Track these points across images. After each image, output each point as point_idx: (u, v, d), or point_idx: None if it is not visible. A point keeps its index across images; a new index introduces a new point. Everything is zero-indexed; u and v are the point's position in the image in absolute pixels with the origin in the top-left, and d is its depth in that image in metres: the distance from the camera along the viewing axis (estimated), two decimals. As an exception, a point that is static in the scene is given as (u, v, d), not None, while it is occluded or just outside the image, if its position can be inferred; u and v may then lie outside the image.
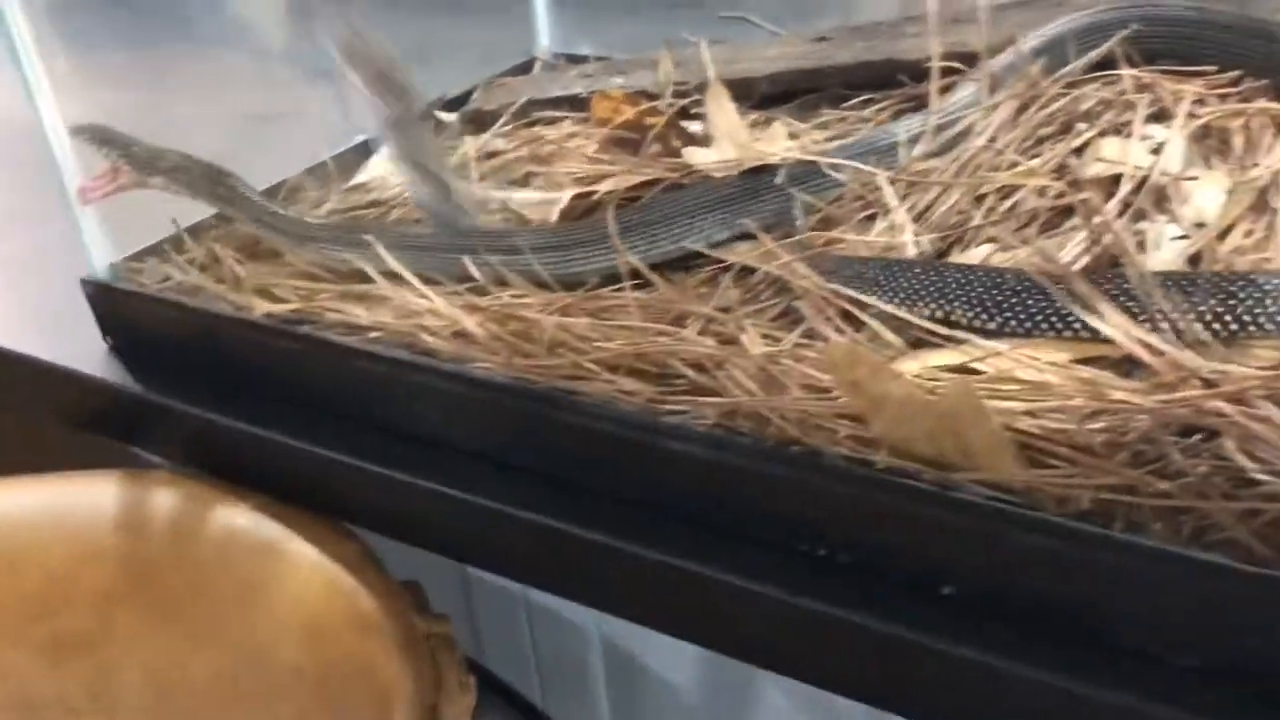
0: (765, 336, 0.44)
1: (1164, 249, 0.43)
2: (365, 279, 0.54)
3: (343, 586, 0.50)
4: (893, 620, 0.40)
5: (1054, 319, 0.38)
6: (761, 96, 0.65)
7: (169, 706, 0.48)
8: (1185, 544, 0.36)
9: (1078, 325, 0.37)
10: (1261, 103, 0.48)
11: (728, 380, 0.43)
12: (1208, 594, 0.36)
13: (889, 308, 0.42)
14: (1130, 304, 0.37)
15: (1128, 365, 0.39)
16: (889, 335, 0.41)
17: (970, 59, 0.56)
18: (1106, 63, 0.51)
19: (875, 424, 0.39)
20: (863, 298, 0.44)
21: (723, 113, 0.55)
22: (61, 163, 0.58)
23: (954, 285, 0.40)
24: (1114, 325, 0.36)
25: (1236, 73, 0.50)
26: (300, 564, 0.51)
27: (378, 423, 0.52)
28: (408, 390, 0.51)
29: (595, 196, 0.54)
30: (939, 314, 0.42)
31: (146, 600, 0.49)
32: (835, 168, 0.50)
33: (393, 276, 0.53)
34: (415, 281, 0.51)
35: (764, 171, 0.50)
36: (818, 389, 0.41)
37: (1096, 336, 0.38)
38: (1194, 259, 0.43)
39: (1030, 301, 0.38)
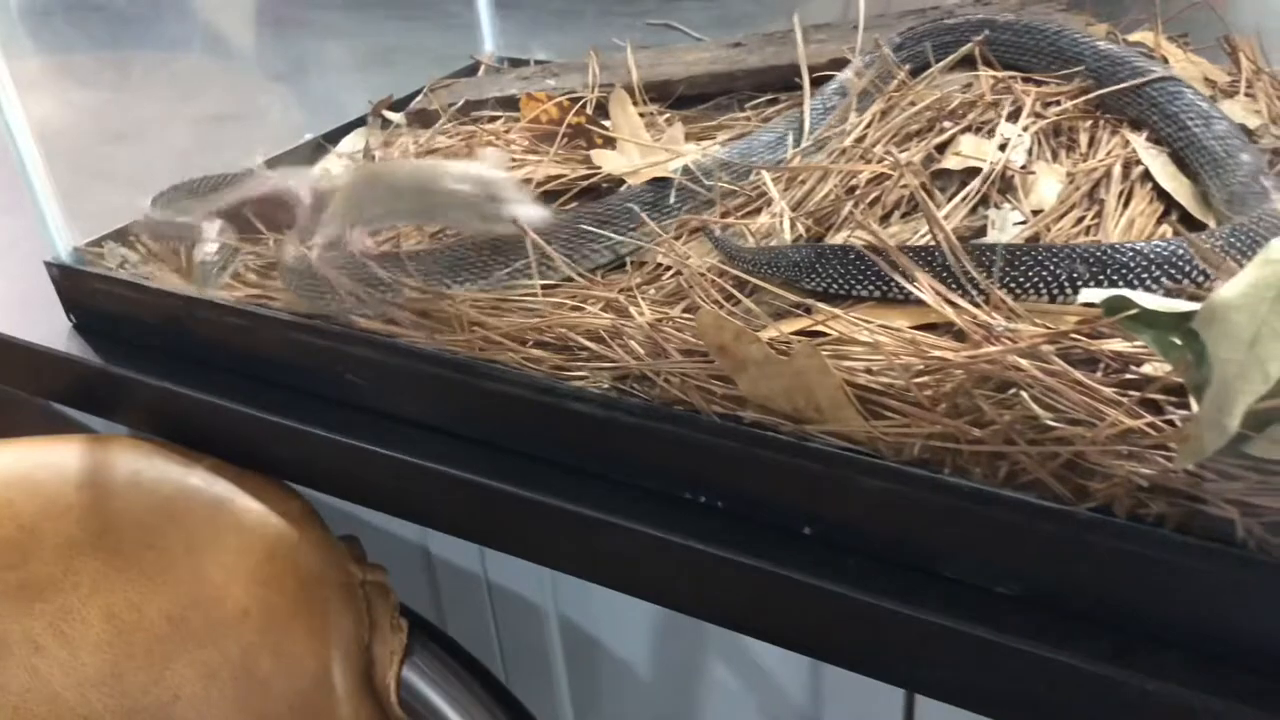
0: (656, 310, 0.50)
1: (1005, 232, 0.49)
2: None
3: (286, 539, 0.56)
4: (761, 557, 0.46)
5: (884, 286, 0.43)
6: (679, 97, 0.70)
7: (126, 642, 0.53)
8: (999, 485, 0.41)
9: (901, 292, 0.43)
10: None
11: (623, 349, 0.49)
12: (1018, 529, 0.41)
13: (760, 281, 0.48)
14: (945, 273, 0.42)
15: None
16: (751, 305, 0.47)
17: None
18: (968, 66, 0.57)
19: (741, 383, 0.45)
20: (743, 275, 0.49)
21: (625, 115, 0.61)
22: (26, 158, 0.63)
23: (808, 261, 0.46)
24: (926, 290, 0.42)
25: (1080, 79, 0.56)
26: (247, 518, 0.56)
27: (317, 391, 0.57)
28: (344, 361, 0.56)
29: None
30: (803, 286, 0.48)
31: (106, 550, 0.54)
32: (726, 165, 0.56)
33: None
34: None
35: (666, 180, 0.56)
36: (696, 354, 0.47)
37: (921, 302, 0.44)
38: (1031, 241, 0.49)
39: (864, 272, 0.43)
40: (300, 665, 0.54)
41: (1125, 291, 0.36)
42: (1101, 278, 0.41)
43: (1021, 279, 0.42)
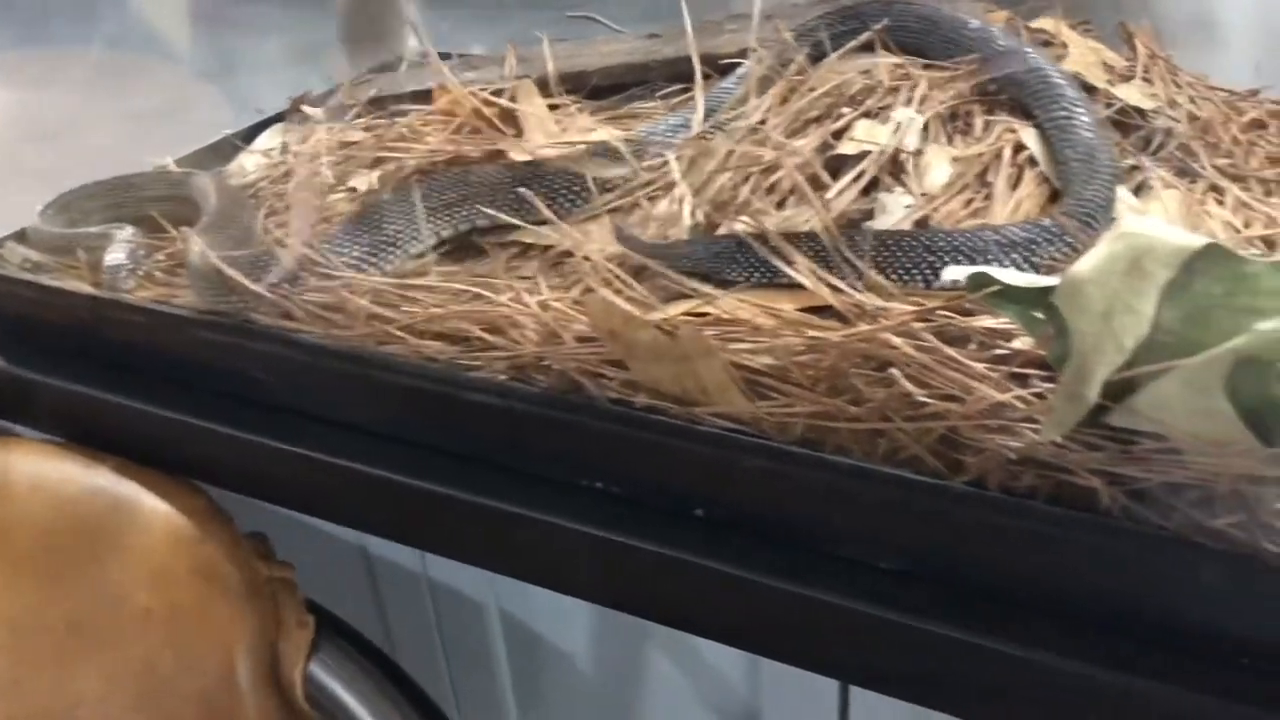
0: (555, 298, 0.50)
1: (894, 214, 0.49)
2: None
3: (189, 537, 0.55)
4: (655, 541, 0.46)
5: (766, 271, 0.44)
6: (594, 88, 0.71)
7: (26, 649, 0.52)
8: (879, 462, 0.42)
9: (780, 276, 0.44)
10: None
11: (520, 338, 0.49)
12: (897, 504, 0.42)
13: (656, 266, 0.48)
14: (826, 257, 0.43)
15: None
16: (640, 290, 0.47)
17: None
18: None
19: (632, 368, 0.45)
20: (644, 260, 0.50)
21: (531, 105, 0.61)
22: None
23: (700, 249, 0.46)
24: (804, 274, 0.42)
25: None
26: (151, 518, 0.55)
27: (223, 388, 0.57)
28: (247, 358, 0.55)
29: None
30: (695, 271, 0.48)
31: (5, 554, 0.54)
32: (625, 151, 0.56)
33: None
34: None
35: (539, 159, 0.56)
36: (590, 340, 0.47)
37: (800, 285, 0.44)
38: (920, 224, 0.49)
39: (748, 258, 0.44)
40: (204, 664, 0.53)
41: (988, 268, 0.36)
42: (963, 260, 0.42)
43: (888, 263, 0.42)
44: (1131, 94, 0.59)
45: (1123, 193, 0.49)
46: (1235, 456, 0.35)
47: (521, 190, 0.53)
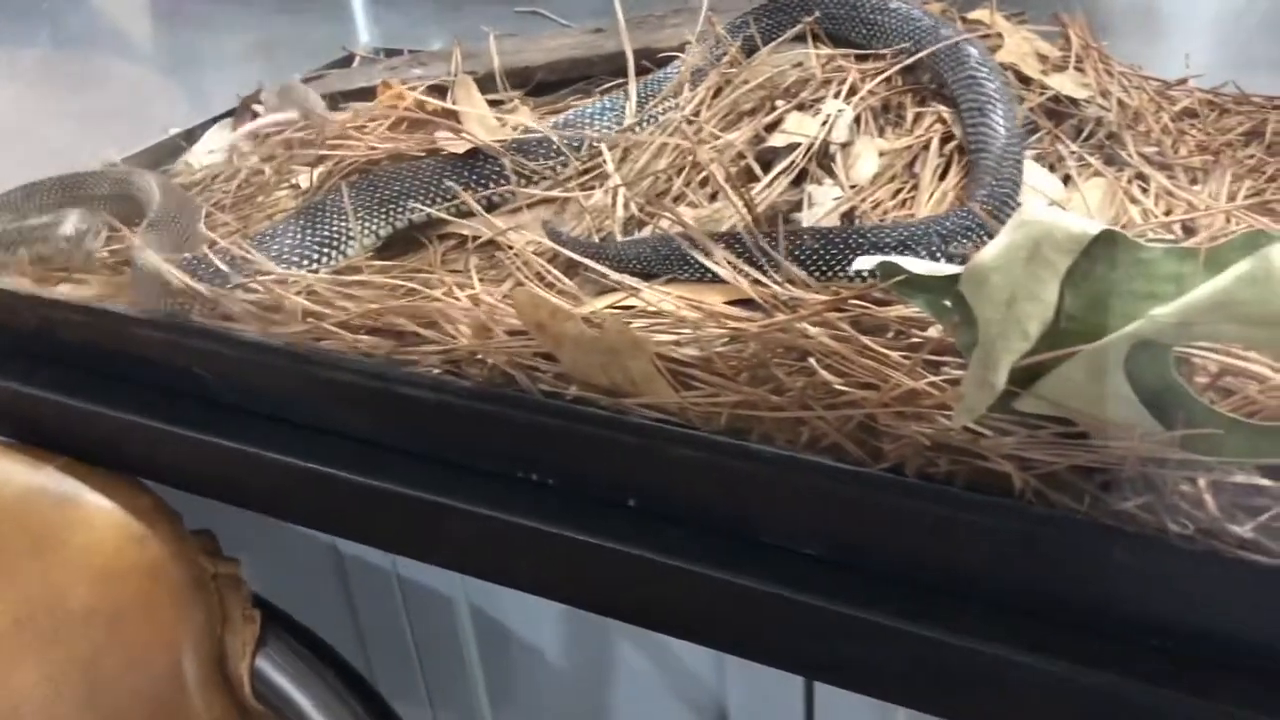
0: (486, 291, 0.50)
1: (823, 206, 0.50)
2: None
3: (133, 535, 0.55)
4: (588, 531, 0.46)
5: (695, 267, 0.44)
6: (539, 83, 0.71)
7: (-31, 648, 0.53)
8: (802, 450, 0.43)
9: (705, 271, 0.44)
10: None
11: (454, 332, 0.49)
12: (819, 492, 0.42)
13: (586, 260, 0.49)
14: (745, 253, 0.43)
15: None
16: (567, 283, 0.48)
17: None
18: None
19: (562, 360, 0.46)
20: (575, 256, 0.50)
21: (470, 101, 0.61)
22: None
23: (631, 247, 0.46)
24: (723, 267, 0.43)
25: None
26: (94, 517, 0.56)
27: (166, 385, 0.57)
28: (189, 355, 0.56)
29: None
30: (626, 268, 0.49)
31: (-53, 555, 0.54)
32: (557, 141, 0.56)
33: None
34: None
35: (479, 151, 0.56)
36: (522, 333, 0.48)
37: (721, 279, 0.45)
38: (847, 215, 0.50)
39: (676, 255, 0.44)
40: (150, 661, 0.54)
41: (895, 258, 0.37)
42: (882, 252, 0.42)
43: (808, 258, 0.43)
44: (1065, 83, 0.59)
45: (1046, 180, 0.50)
46: (1138, 440, 0.36)
47: (449, 184, 0.53)
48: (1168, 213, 0.50)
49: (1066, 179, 0.53)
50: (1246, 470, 0.36)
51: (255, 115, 0.77)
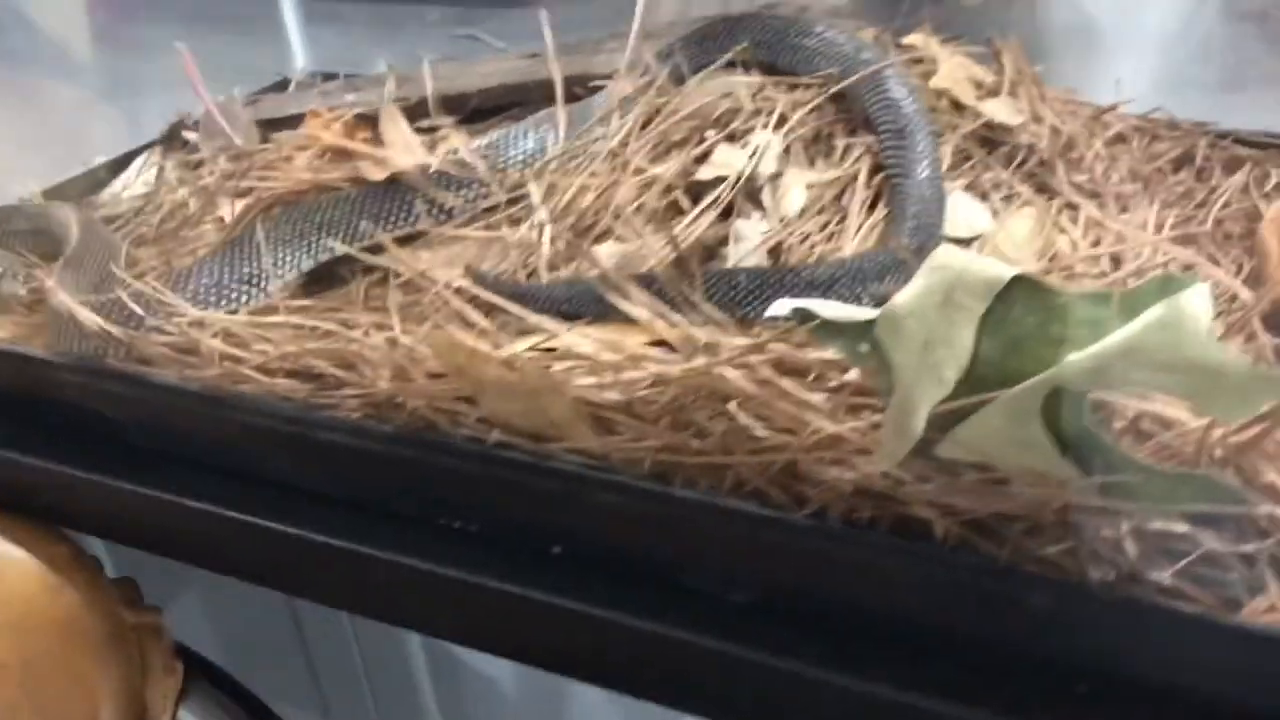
0: (404, 332, 0.49)
1: (750, 241, 0.49)
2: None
3: (48, 585, 0.53)
4: (511, 580, 0.45)
5: (607, 308, 0.43)
6: (473, 110, 0.70)
7: (-128, 709, 0.50)
8: (726, 495, 0.42)
9: (619, 313, 0.43)
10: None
11: (374, 374, 0.48)
12: (743, 537, 0.41)
13: (505, 303, 0.48)
14: (660, 292, 0.43)
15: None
16: (486, 324, 0.46)
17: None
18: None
19: (482, 404, 0.44)
20: (495, 299, 0.49)
21: (396, 130, 0.60)
22: None
23: (557, 290, 0.45)
24: (638, 309, 0.42)
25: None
26: (6, 567, 0.54)
27: (79, 431, 0.55)
28: (102, 400, 0.54)
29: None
30: (551, 308, 0.48)
31: None
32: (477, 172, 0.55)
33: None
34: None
35: (396, 180, 0.55)
36: (441, 376, 0.46)
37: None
38: (774, 250, 0.49)
39: (595, 295, 0.43)
40: (67, 715, 0.52)
41: (809, 302, 0.36)
42: (804, 294, 0.42)
43: (729, 300, 0.42)
44: (998, 110, 0.59)
45: (974, 210, 0.50)
46: (1055, 487, 0.35)
47: (363, 224, 0.52)
48: (1096, 243, 0.49)
49: (995, 211, 0.53)
50: (1167, 516, 0.36)
51: (186, 143, 0.76)
